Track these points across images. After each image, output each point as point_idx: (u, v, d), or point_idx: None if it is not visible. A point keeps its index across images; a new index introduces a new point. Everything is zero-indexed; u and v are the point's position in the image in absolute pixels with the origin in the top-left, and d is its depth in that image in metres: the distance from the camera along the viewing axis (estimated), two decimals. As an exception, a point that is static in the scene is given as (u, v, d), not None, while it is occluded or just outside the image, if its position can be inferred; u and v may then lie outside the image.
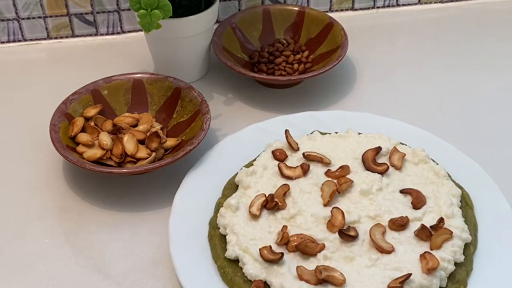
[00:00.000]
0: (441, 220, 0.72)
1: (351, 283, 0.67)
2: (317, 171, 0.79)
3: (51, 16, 1.05)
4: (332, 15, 1.04)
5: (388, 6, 1.15)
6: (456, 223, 0.72)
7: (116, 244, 0.77)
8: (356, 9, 1.14)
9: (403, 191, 0.76)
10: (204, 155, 0.83)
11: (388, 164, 0.79)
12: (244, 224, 0.73)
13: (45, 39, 1.07)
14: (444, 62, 1.04)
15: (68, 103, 0.86)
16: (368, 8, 1.14)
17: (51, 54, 1.06)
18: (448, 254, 0.70)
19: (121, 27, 1.08)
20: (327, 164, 0.80)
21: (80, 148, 0.83)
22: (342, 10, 1.13)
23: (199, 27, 0.93)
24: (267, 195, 0.75)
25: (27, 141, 0.90)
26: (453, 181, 0.79)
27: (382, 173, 0.78)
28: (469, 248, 0.72)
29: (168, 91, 0.90)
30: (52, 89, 0.97)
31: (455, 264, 0.70)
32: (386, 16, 1.14)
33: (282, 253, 0.69)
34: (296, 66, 0.98)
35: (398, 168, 0.79)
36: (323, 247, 0.70)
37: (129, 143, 0.82)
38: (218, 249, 0.72)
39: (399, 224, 0.72)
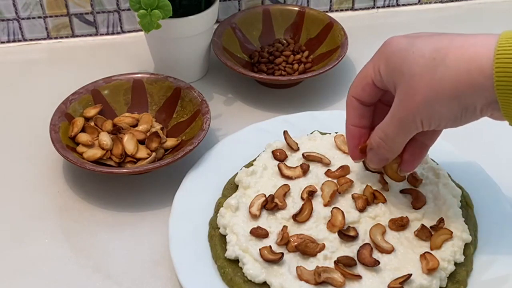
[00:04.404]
0: (441, 220, 0.72)
1: (351, 283, 0.67)
2: (317, 171, 0.79)
3: (51, 16, 1.05)
4: (332, 15, 1.04)
5: (388, 6, 1.15)
6: (456, 223, 0.72)
7: (116, 244, 0.77)
8: (356, 9, 1.14)
9: (403, 191, 0.76)
10: (204, 155, 0.83)
11: (388, 164, 0.79)
12: (244, 224, 0.73)
13: (45, 39, 1.07)
14: (444, 62, 1.04)
15: (68, 103, 0.86)
16: (368, 8, 1.14)
17: (51, 54, 1.06)
18: (448, 254, 0.69)
19: (121, 27, 1.08)
20: (327, 164, 0.80)
21: (80, 148, 0.83)
22: (342, 10, 1.13)
23: (199, 27, 0.93)
24: (267, 195, 0.75)
25: (27, 141, 0.90)
26: (453, 181, 0.79)
27: (382, 173, 0.78)
28: (469, 248, 0.72)
29: (168, 91, 0.90)
30: (52, 89, 0.97)
31: (455, 264, 0.70)
32: (386, 16, 1.14)
33: (282, 253, 0.69)
34: (296, 66, 0.98)
35: (398, 168, 0.79)
36: (323, 247, 0.70)
37: (129, 143, 0.82)
38: (218, 249, 0.72)
39: (399, 224, 0.72)
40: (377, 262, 0.68)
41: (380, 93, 0.69)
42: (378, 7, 1.15)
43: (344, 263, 0.68)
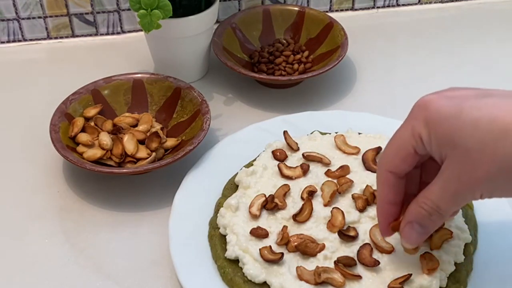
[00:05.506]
0: (441, 220, 0.72)
1: (351, 283, 0.67)
2: (317, 171, 0.79)
3: (51, 16, 1.05)
4: (332, 15, 1.04)
5: (388, 6, 1.15)
6: (456, 223, 0.72)
7: (116, 244, 0.77)
8: (356, 9, 1.14)
9: (403, 191, 0.76)
10: (204, 155, 0.83)
11: (388, 164, 0.79)
12: (244, 224, 0.73)
13: (45, 39, 1.07)
14: (444, 62, 1.04)
15: (68, 103, 0.86)
16: (368, 8, 1.14)
17: (51, 54, 1.06)
18: (448, 254, 0.69)
19: (121, 27, 1.08)
20: (327, 164, 0.80)
21: (80, 148, 0.83)
22: (342, 10, 1.13)
23: (199, 27, 0.93)
24: (267, 195, 0.75)
25: (27, 141, 0.90)
26: (453, 181, 0.79)
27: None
28: (469, 248, 0.72)
29: (168, 91, 0.90)
30: (52, 89, 0.97)
31: (455, 264, 0.70)
32: (386, 16, 1.14)
33: (282, 253, 0.69)
34: (296, 66, 0.98)
35: (398, 168, 0.79)
36: (323, 247, 0.70)
37: (129, 143, 0.82)
38: (218, 249, 0.72)
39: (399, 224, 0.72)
40: (377, 262, 0.68)
41: (421, 160, 0.62)
42: (378, 7, 1.15)
43: (344, 263, 0.68)
